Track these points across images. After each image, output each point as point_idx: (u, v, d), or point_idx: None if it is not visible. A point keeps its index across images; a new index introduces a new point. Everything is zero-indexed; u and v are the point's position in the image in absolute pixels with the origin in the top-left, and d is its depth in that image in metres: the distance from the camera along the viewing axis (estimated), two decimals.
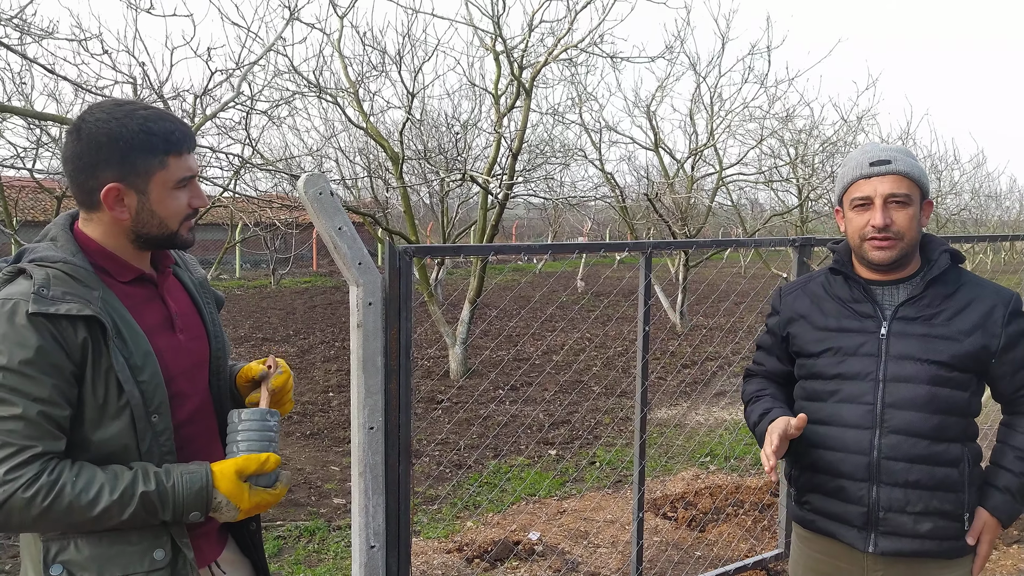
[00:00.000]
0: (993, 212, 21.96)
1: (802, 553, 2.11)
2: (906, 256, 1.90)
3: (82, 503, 1.38)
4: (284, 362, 1.79)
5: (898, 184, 1.86)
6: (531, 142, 11.27)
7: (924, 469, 1.86)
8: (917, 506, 1.86)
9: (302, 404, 7.31)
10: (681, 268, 12.63)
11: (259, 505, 1.54)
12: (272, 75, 7.16)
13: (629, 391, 7.81)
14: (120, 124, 1.47)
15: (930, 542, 1.88)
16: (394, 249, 2.32)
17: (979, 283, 1.94)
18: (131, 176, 1.49)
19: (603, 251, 3.06)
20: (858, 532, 1.92)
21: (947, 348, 1.86)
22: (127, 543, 1.47)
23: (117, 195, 1.49)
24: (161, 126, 1.50)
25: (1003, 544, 4.11)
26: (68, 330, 1.40)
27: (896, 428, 1.87)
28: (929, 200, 1.94)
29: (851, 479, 1.91)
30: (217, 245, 21.43)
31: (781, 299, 2.12)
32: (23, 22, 4.77)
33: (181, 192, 1.55)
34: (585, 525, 4.51)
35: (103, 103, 1.52)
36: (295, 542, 4.33)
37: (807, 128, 12.18)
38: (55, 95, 8.01)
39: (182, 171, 1.53)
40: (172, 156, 1.52)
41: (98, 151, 1.47)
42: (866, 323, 1.93)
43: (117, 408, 1.44)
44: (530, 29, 7.64)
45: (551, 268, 24.33)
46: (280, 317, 13.19)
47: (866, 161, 1.89)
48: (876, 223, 1.86)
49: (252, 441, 1.56)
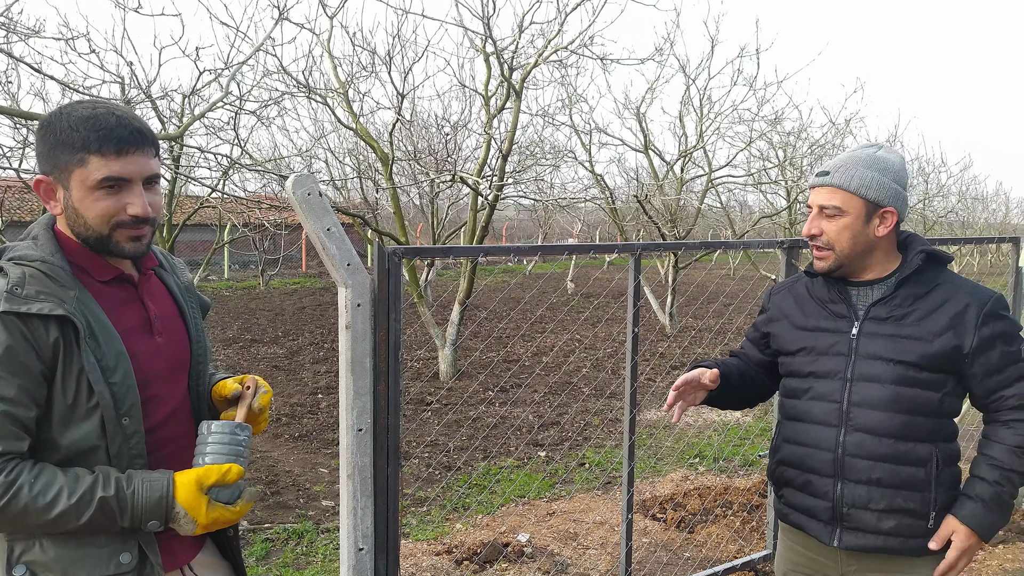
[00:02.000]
0: (980, 214, 22.14)
1: (783, 545, 2.19)
2: (846, 266, 1.95)
3: (39, 505, 1.37)
4: (266, 383, 1.77)
5: (830, 196, 1.92)
6: (521, 143, 11.28)
7: (887, 467, 1.90)
8: (880, 503, 1.90)
9: (290, 406, 7.28)
10: (670, 269, 12.66)
11: (217, 521, 1.50)
12: (261, 75, 7.16)
13: (618, 392, 7.82)
14: (58, 117, 1.47)
15: (893, 539, 1.92)
16: (383, 250, 2.31)
17: (957, 284, 1.94)
18: (56, 171, 1.48)
19: (593, 252, 3.07)
20: (824, 526, 1.98)
21: (915, 348, 1.88)
22: (94, 545, 1.45)
23: (47, 188, 1.50)
24: (91, 124, 1.44)
25: (989, 545, 4.13)
26: (40, 329, 1.39)
27: (860, 426, 1.92)
28: (888, 209, 1.91)
29: (818, 474, 1.97)
30: (205, 246, 21.33)
31: (770, 298, 2.20)
32: (9, 20, 4.73)
33: (106, 194, 1.46)
34: (574, 527, 4.51)
35: (82, 101, 1.52)
36: (283, 544, 4.31)
37: (796, 131, 12.25)
38: (42, 94, 7.96)
39: (103, 172, 1.45)
40: (93, 155, 1.44)
41: (39, 143, 1.49)
42: (840, 323, 1.98)
43: (87, 409, 1.43)
44: (520, 30, 7.64)
45: (541, 269, 24.34)
46: (269, 318, 13.14)
47: (816, 170, 1.97)
48: (803, 231, 1.97)
49: (218, 454, 1.53)
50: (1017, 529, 4.30)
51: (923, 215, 15.70)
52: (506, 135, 8.11)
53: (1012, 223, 25.74)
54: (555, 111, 11.67)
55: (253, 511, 4.72)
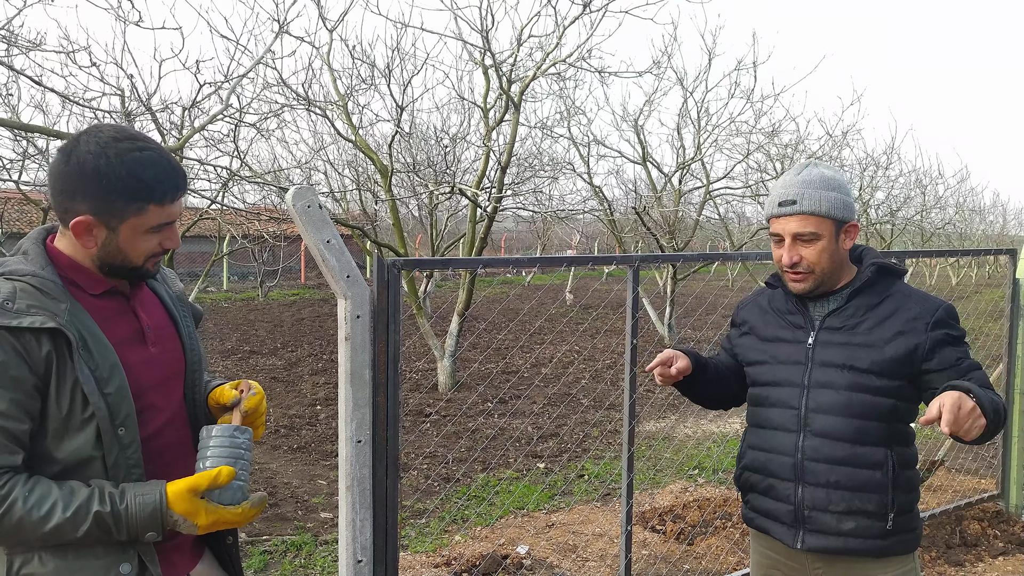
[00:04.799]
0: (977, 226, 22.19)
1: (755, 551, 2.25)
2: (822, 285, 2.02)
3: (33, 519, 1.37)
4: (257, 384, 1.77)
5: (804, 223, 1.97)
6: (520, 155, 11.31)
7: (845, 471, 1.96)
8: (839, 505, 1.97)
9: (289, 417, 7.27)
10: (669, 281, 12.68)
11: (217, 522, 1.51)
12: (261, 88, 7.17)
13: (617, 404, 7.81)
14: (109, 162, 1.45)
15: (854, 540, 1.97)
16: (382, 262, 2.32)
17: (908, 294, 2.02)
18: (105, 214, 1.48)
19: (591, 264, 3.08)
20: (788, 529, 2.05)
21: (867, 355, 1.96)
22: (92, 557, 1.46)
23: (87, 227, 1.48)
24: (151, 174, 1.48)
25: (988, 556, 4.13)
26: (32, 343, 1.39)
27: (817, 431, 1.99)
28: (851, 223, 1.99)
29: (780, 479, 2.05)
30: (204, 257, 21.33)
31: (738, 312, 2.30)
32: (10, 33, 4.76)
33: (153, 235, 1.54)
34: (573, 538, 4.50)
35: (106, 130, 1.49)
36: (281, 557, 4.30)
37: (793, 143, 12.28)
38: (42, 107, 7.96)
39: (160, 218, 1.52)
40: (153, 205, 1.50)
41: (80, 180, 1.46)
42: (797, 333, 2.07)
43: (82, 420, 1.44)
44: (519, 43, 7.68)
45: (540, 281, 24.36)
46: (268, 330, 13.12)
47: (776, 200, 2.01)
48: (785, 261, 2.00)
49: (219, 457, 1.54)
50: (1017, 541, 4.30)
51: (921, 227, 15.73)
52: (505, 147, 8.14)
53: (1010, 234, 25.77)
54: (553, 123, 11.71)
55: (252, 523, 4.70)
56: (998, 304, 5.78)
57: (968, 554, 4.15)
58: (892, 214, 14.48)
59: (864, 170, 13.55)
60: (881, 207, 14.56)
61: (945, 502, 4.69)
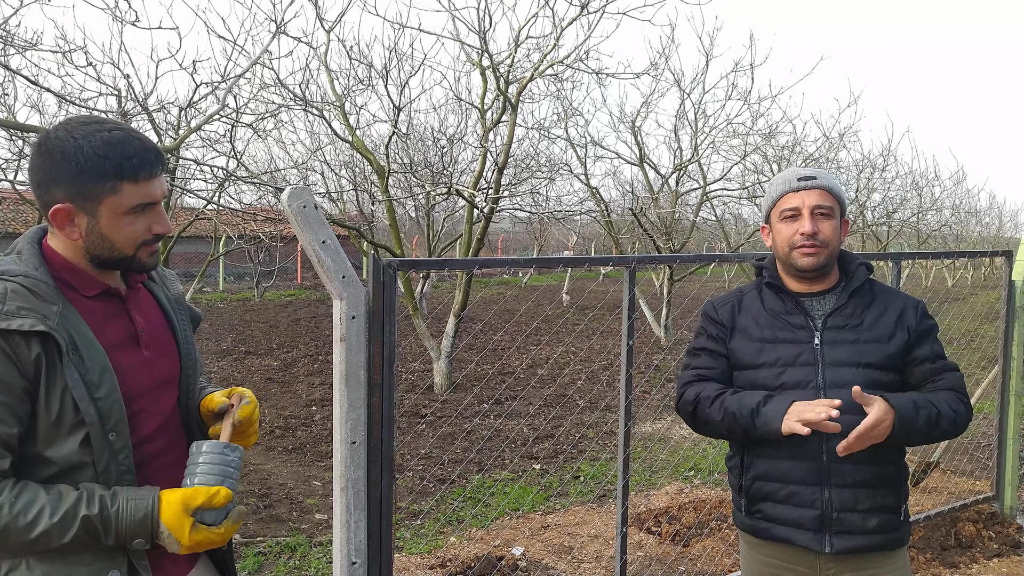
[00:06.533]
0: (973, 228, 22.26)
1: (753, 559, 2.20)
2: (828, 265, 2.07)
3: (19, 525, 1.35)
4: (251, 393, 1.74)
5: (823, 197, 2.05)
6: (517, 156, 11.30)
7: (869, 468, 1.99)
8: (866, 504, 2.00)
9: (284, 418, 7.25)
10: (665, 282, 12.68)
11: (200, 543, 1.47)
12: (258, 88, 7.15)
13: (613, 405, 7.81)
14: (76, 144, 1.43)
15: (878, 536, 2.01)
16: (379, 262, 2.31)
17: (890, 291, 2.14)
18: (80, 198, 1.45)
19: (588, 265, 3.08)
20: (813, 535, 2.03)
21: (877, 350, 2.02)
22: (80, 563, 1.43)
23: (67, 215, 1.46)
24: (119, 150, 1.45)
25: (983, 558, 4.14)
26: (21, 346, 1.37)
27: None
28: (846, 219, 2.11)
29: (803, 484, 2.03)
30: (200, 257, 21.31)
31: (717, 311, 2.20)
32: (6, 33, 4.75)
33: (136, 218, 1.50)
34: (569, 540, 4.50)
35: (74, 118, 1.49)
36: (276, 558, 4.29)
37: (790, 144, 12.30)
38: (38, 106, 7.98)
39: (137, 198, 1.48)
40: (126, 182, 1.46)
41: (52, 168, 1.44)
42: (799, 334, 2.06)
43: (72, 425, 1.41)
44: (516, 45, 7.68)
45: (536, 282, 24.37)
46: (263, 330, 13.11)
47: (794, 177, 2.08)
48: (805, 230, 2.02)
49: (207, 475, 1.51)
50: (1012, 542, 4.31)
51: (917, 229, 15.77)
52: (502, 148, 8.14)
53: (1005, 236, 25.86)
54: (551, 124, 11.71)
55: (246, 524, 4.69)
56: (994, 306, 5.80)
57: (963, 556, 4.16)
58: (888, 216, 14.52)
59: (861, 172, 13.59)
60: (877, 209, 14.60)
61: (940, 504, 4.70)
